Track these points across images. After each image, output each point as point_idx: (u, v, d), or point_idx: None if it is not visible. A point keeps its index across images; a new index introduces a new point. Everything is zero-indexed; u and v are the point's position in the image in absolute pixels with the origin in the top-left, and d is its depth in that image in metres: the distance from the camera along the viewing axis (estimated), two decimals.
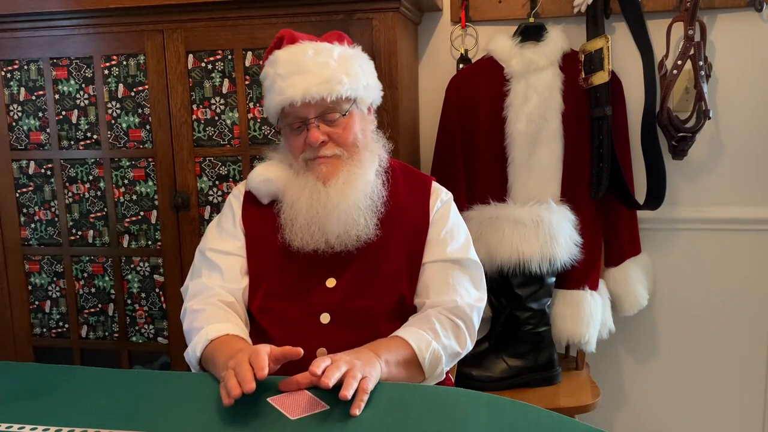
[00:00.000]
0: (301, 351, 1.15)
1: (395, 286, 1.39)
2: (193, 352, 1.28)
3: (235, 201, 1.48)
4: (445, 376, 1.37)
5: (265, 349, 1.11)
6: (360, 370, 1.10)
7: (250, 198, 1.46)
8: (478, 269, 1.44)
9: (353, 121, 1.37)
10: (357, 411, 1.04)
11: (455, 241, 1.43)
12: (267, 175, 1.41)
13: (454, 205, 1.49)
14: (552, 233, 1.84)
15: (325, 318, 1.36)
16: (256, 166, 1.46)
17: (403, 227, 1.41)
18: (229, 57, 1.86)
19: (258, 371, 1.06)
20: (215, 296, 1.37)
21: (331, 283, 1.38)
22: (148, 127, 1.94)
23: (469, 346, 1.39)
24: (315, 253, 1.37)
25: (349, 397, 1.04)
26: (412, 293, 1.42)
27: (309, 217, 1.35)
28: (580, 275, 1.95)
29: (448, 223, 1.44)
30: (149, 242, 1.99)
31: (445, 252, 1.41)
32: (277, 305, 1.38)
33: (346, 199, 1.34)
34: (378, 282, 1.38)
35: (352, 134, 1.37)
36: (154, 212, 1.98)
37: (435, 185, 1.49)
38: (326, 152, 1.36)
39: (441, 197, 1.46)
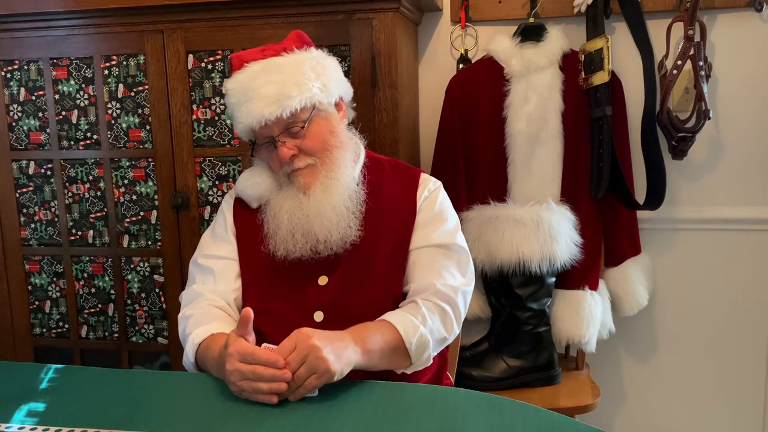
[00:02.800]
0: (250, 311, 1.17)
1: (387, 282, 1.39)
2: (187, 358, 1.31)
3: (226, 206, 1.50)
4: (431, 362, 1.36)
5: (238, 345, 1.14)
6: (308, 364, 1.12)
7: (240, 203, 1.47)
8: (464, 254, 1.44)
9: (318, 127, 1.37)
10: (291, 398, 1.10)
11: (441, 227, 1.42)
12: (253, 179, 1.43)
13: (442, 193, 1.48)
14: (552, 233, 1.84)
15: (318, 316, 1.36)
16: (242, 172, 1.48)
17: (392, 222, 1.41)
18: (229, 57, 1.86)
19: (277, 365, 1.11)
20: (205, 301, 1.39)
21: (323, 280, 1.38)
22: (148, 127, 1.94)
23: (456, 330, 1.38)
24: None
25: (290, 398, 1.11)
26: (401, 283, 1.41)
27: (291, 226, 1.36)
28: (580, 275, 1.95)
29: (435, 210, 1.43)
30: (149, 242, 1.99)
31: (430, 237, 1.40)
32: (270, 305, 1.38)
33: (326, 204, 1.35)
34: (369, 278, 1.38)
35: (320, 140, 1.37)
36: (154, 212, 1.98)
37: (423, 176, 1.48)
38: (299, 164, 1.37)
39: (428, 186, 1.46)
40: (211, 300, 1.39)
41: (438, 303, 1.35)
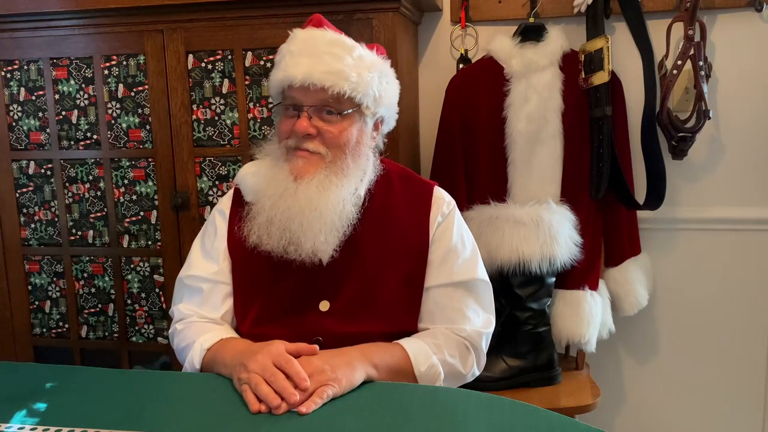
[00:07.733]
0: (317, 348, 1.15)
1: (392, 312, 1.32)
2: (191, 366, 1.27)
3: (219, 219, 1.40)
4: None
5: (282, 348, 1.12)
6: (316, 381, 1.09)
7: (235, 214, 1.38)
8: (485, 289, 1.38)
9: (351, 127, 1.29)
10: (303, 409, 1.04)
11: (460, 260, 1.35)
12: (254, 169, 1.35)
13: (457, 216, 1.39)
14: (552, 233, 1.84)
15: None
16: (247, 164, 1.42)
17: (400, 245, 1.33)
18: (229, 57, 1.86)
19: (300, 382, 1.06)
20: (198, 319, 1.36)
21: (324, 306, 1.31)
22: (148, 127, 1.94)
23: (476, 371, 1.34)
24: (307, 271, 1.29)
25: (303, 411, 1.04)
26: (412, 320, 1.34)
27: (271, 215, 1.27)
28: (580, 275, 1.95)
29: (452, 240, 1.35)
30: (149, 242, 1.99)
31: (450, 274, 1.33)
32: (267, 330, 1.29)
33: (312, 207, 1.25)
34: (374, 307, 1.31)
35: (344, 139, 1.28)
36: (154, 212, 1.98)
37: (437, 194, 1.39)
38: (309, 146, 1.27)
39: (442, 210, 1.37)
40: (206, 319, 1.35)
41: (462, 340, 1.31)
